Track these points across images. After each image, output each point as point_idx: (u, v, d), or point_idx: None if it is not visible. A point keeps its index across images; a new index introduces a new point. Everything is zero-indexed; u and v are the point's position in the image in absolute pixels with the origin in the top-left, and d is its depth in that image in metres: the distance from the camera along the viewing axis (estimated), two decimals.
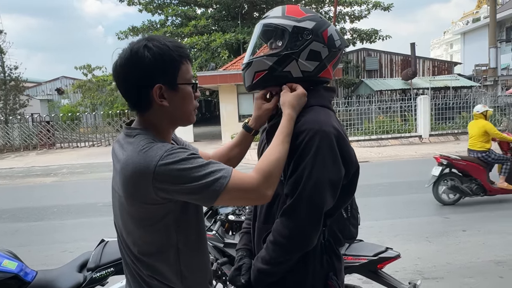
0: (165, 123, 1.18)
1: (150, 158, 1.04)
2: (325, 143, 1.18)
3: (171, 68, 1.12)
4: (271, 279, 1.25)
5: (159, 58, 1.09)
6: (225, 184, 1.06)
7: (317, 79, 1.33)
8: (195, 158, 1.08)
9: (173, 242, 1.16)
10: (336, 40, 1.31)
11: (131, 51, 1.11)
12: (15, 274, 1.91)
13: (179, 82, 1.14)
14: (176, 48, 1.13)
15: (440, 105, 14.87)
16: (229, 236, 2.71)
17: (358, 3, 21.89)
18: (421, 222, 5.18)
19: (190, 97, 1.17)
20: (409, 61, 20.76)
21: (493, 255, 3.98)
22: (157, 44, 1.11)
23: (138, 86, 1.12)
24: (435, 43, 60.52)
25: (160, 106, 1.13)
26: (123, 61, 1.11)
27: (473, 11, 43.06)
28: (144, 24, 22.30)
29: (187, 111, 1.19)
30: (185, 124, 1.22)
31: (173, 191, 1.06)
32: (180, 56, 1.13)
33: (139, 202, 1.09)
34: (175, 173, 1.04)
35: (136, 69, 1.10)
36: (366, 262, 2.32)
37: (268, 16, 1.34)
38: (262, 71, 1.30)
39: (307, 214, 1.18)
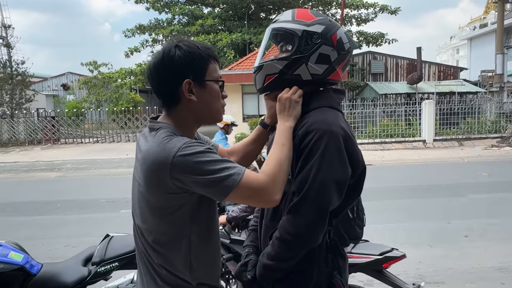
0: (191, 119, 1.25)
1: (169, 149, 1.11)
2: (333, 143, 1.20)
3: (200, 65, 1.20)
4: (276, 275, 1.27)
5: (189, 55, 1.19)
6: (238, 180, 1.11)
7: (326, 82, 1.36)
8: (212, 153, 1.13)
9: (186, 233, 1.21)
10: (345, 43, 1.33)
11: (163, 52, 1.21)
12: (21, 266, 1.94)
13: (207, 79, 1.22)
14: (205, 48, 1.22)
15: (445, 110, 14.83)
16: (236, 233, 2.75)
17: (365, 6, 21.90)
18: (424, 227, 5.18)
19: (217, 95, 1.25)
20: (414, 65, 20.69)
21: (495, 261, 3.97)
22: (187, 44, 1.21)
23: (169, 82, 1.20)
24: (441, 48, 60.30)
25: (188, 101, 1.20)
26: (156, 61, 1.21)
27: (480, 17, 42.88)
28: (151, 22, 22.39)
29: (214, 108, 1.26)
30: (212, 121, 1.28)
31: (188, 182, 1.11)
32: (208, 55, 1.22)
33: (157, 191, 1.15)
34: (191, 164, 1.09)
35: (168, 66, 1.19)
36: (371, 261, 2.34)
37: (278, 20, 1.37)
38: (272, 74, 1.34)
39: (312, 213, 1.20)
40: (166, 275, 1.22)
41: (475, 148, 13.36)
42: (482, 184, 7.65)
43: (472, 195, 6.71)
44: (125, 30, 22.54)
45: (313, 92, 1.36)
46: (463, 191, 6.95)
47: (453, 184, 7.79)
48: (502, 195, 6.65)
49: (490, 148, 13.14)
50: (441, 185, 7.67)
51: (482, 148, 13.23)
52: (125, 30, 22.60)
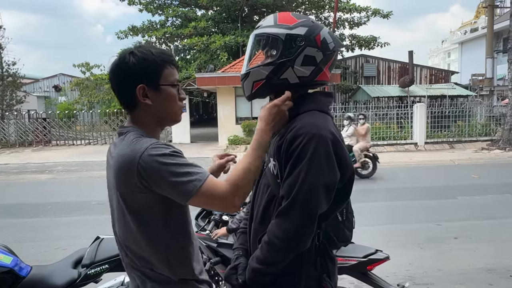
0: (152, 121, 1.29)
1: (136, 149, 1.16)
2: (322, 147, 1.20)
3: (153, 71, 1.25)
4: (266, 279, 1.27)
5: (143, 62, 1.23)
6: (199, 186, 1.14)
7: (315, 83, 1.36)
8: (177, 156, 1.18)
9: (160, 233, 1.24)
10: (329, 43, 1.32)
11: (119, 58, 1.26)
12: (9, 269, 1.92)
13: (162, 84, 1.26)
14: (160, 54, 1.26)
15: (436, 113, 14.98)
16: (222, 236, 2.74)
17: (358, 10, 22.04)
18: (414, 228, 5.22)
19: (173, 98, 1.29)
20: (406, 68, 20.91)
21: (484, 262, 4.02)
22: (142, 50, 1.25)
23: (125, 87, 1.26)
24: (433, 51, 60.92)
25: (144, 104, 1.26)
26: (113, 66, 1.27)
27: (471, 21, 43.44)
28: (144, 24, 22.29)
29: (172, 110, 1.31)
30: (171, 123, 1.34)
31: (152, 182, 1.15)
32: (162, 61, 1.26)
33: (128, 191, 1.19)
34: (156, 164, 1.14)
35: (123, 72, 1.25)
36: (356, 263, 2.35)
37: (261, 25, 1.36)
38: (260, 80, 1.33)
39: (301, 217, 1.20)
40: (153, 274, 1.26)
41: (466, 151, 13.52)
42: (472, 186, 7.74)
43: (462, 197, 6.78)
44: (118, 32, 22.43)
45: (302, 96, 1.36)
46: (453, 193, 7.03)
47: (443, 186, 7.87)
48: (491, 197, 6.74)
49: (480, 151, 13.30)
50: (432, 187, 7.75)
51: (473, 151, 13.38)
52: (118, 31, 22.49)
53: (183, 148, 13.35)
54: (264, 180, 1.37)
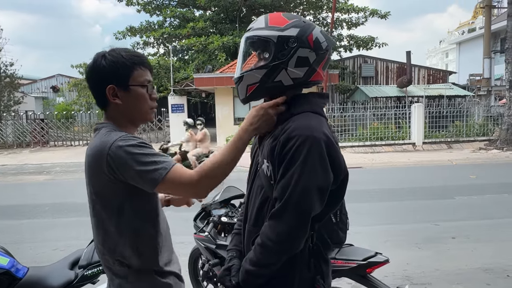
0: (123, 119, 1.38)
1: (106, 141, 1.25)
2: (315, 149, 1.20)
3: (123, 72, 1.32)
4: (259, 281, 1.27)
5: (112, 64, 1.32)
6: (164, 175, 1.22)
7: (309, 83, 1.35)
8: (145, 147, 1.26)
9: (129, 221, 1.32)
10: (322, 42, 1.31)
11: (93, 61, 1.36)
12: (6, 270, 1.92)
13: (131, 84, 1.34)
14: (130, 56, 1.34)
15: (434, 113, 15.01)
16: (222, 238, 2.73)
17: (356, 10, 22.07)
18: (412, 229, 5.23)
19: (142, 97, 1.37)
20: (404, 69, 20.94)
21: (481, 262, 4.03)
22: (113, 53, 1.34)
23: (97, 87, 1.36)
24: (431, 52, 61.05)
25: (115, 104, 1.35)
26: (88, 69, 1.38)
27: (469, 21, 43.57)
28: (142, 25, 22.27)
29: (141, 109, 1.38)
30: (142, 122, 1.43)
31: (120, 171, 1.23)
32: (132, 63, 1.33)
33: (98, 181, 1.29)
34: (124, 154, 1.22)
35: (95, 74, 1.35)
36: (355, 266, 2.35)
37: (252, 28, 1.35)
38: (253, 84, 1.33)
39: (294, 219, 1.20)
40: (120, 268, 1.35)
41: (464, 151, 13.55)
42: (469, 186, 7.76)
43: (459, 197, 6.80)
44: (116, 33, 22.43)
45: (295, 97, 1.35)
46: (451, 193, 7.04)
47: (441, 186, 7.89)
48: (489, 197, 6.76)
49: (478, 151, 13.33)
50: (430, 187, 7.76)
51: (470, 151, 13.41)
52: (116, 32, 22.49)
53: None
54: (258, 182, 1.37)
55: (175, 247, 1.46)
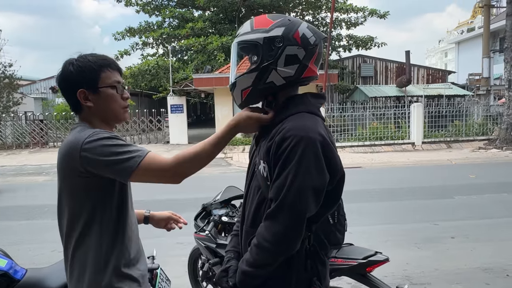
0: (97, 121, 1.42)
1: (80, 137, 1.30)
2: (310, 149, 1.19)
3: (91, 75, 1.37)
4: (255, 282, 1.27)
5: (80, 69, 1.37)
6: (139, 162, 1.26)
7: (302, 80, 1.34)
8: (118, 139, 1.31)
9: (98, 218, 1.36)
10: (310, 37, 1.30)
11: (62, 69, 1.40)
12: (4, 272, 1.91)
13: (100, 86, 1.38)
14: (97, 60, 1.39)
15: (434, 113, 15.02)
16: (222, 237, 2.73)
17: (355, 10, 22.06)
18: (411, 228, 5.23)
19: (113, 98, 1.41)
20: (404, 68, 20.94)
21: (481, 262, 4.03)
22: (80, 59, 1.39)
23: (68, 92, 1.41)
24: (430, 51, 61.07)
25: (87, 107, 1.39)
26: (58, 77, 1.42)
27: (468, 21, 43.58)
28: (141, 25, 22.24)
29: (114, 110, 1.42)
30: (116, 122, 1.47)
31: (94, 164, 1.26)
32: (99, 66, 1.38)
33: (71, 177, 1.33)
34: (97, 147, 1.26)
35: (65, 81, 1.40)
36: (355, 265, 2.36)
37: (239, 33, 1.36)
38: (247, 88, 1.34)
39: (289, 220, 1.19)
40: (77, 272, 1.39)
41: (463, 150, 13.56)
42: (469, 185, 7.76)
43: (459, 196, 6.80)
44: (115, 33, 22.38)
45: (291, 97, 1.35)
46: (450, 193, 7.04)
47: (440, 186, 7.90)
48: (488, 197, 6.76)
49: (477, 150, 13.34)
50: (429, 187, 7.76)
51: (470, 150, 13.43)
52: (115, 33, 22.45)
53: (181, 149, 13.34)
54: (255, 182, 1.37)
55: (174, 247, 1.46)
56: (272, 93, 1.35)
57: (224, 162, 12.45)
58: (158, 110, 18.35)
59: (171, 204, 6.65)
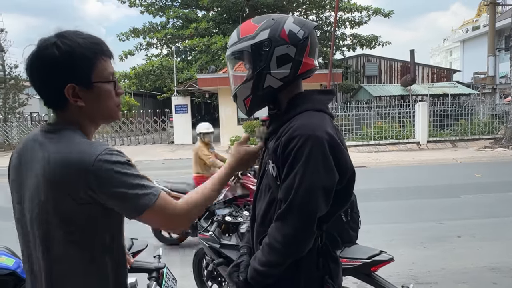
0: (85, 121, 1.13)
1: (88, 152, 1.01)
2: (317, 149, 1.18)
3: (84, 67, 1.07)
4: (267, 280, 1.27)
5: (69, 56, 1.04)
6: (154, 201, 1.05)
7: (300, 77, 1.32)
8: (132, 166, 1.06)
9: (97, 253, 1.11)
10: (297, 32, 1.26)
11: (39, 50, 1.06)
12: (12, 271, 1.93)
13: (95, 81, 1.09)
14: (90, 44, 1.08)
15: (439, 112, 14.93)
16: (226, 237, 2.74)
17: (359, 9, 22.00)
18: (417, 227, 5.21)
19: (109, 95, 1.13)
20: (408, 67, 20.84)
21: (488, 261, 4.00)
22: (67, 41, 1.05)
23: (49, 85, 1.08)
24: (435, 50, 60.77)
25: (76, 106, 1.09)
26: (32, 60, 1.07)
27: (473, 19, 43.30)
28: (145, 26, 22.32)
29: (108, 109, 1.15)
30: (108, 121, 1.21)
31: (102, 191, 1.01)
32: (94, 53, 1.08)
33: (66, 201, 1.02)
34: (110, 173, 1.01)
35: (46, 69, 1.06)
36: (360, 265, 2.35)
37: (228, 45, 1.36)
38: (247, 97, 1.34)
39: (299, 221, 1.19)
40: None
41: (468, 149, 13.47)
42: (475, 184, 7.71)
43: (465, 195, 6.76)
44: (119, 34, 22.48)
45: (297, 96, 1.33)
46: (456, 192, 7.00)
47: (446, 185, 7.85)
48: (495, 196, 6.71)
49: (483, 149, 13.25)
50: (435, 186, 7.72)
51: (475, 149, 13.34)
52: (119, 33, 22.55)
53: (185, 149, 13.51)
54: (265, 181, 1.37)
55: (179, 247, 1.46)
56: (273, 97, 1.34)
57: None
58: (162, 110, 18.42)
59: None
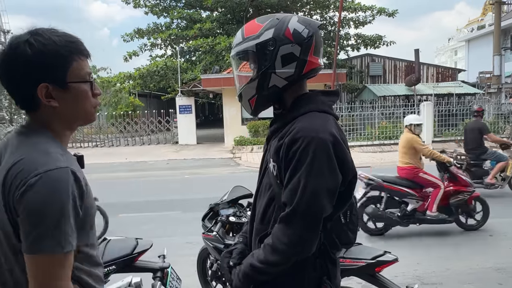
0: (59, 124, 1.08)
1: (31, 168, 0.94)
2: (321, 150, 1.17)
3: (58, 65, 1.02)
4: (263, 277, 1.27)
5: (43, 54, 1.00)
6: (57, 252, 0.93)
7: (305, 76, 1.31)
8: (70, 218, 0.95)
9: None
10: (302, 31, 1.26)
11: (11, 48, 1.01)
12: None
13: (70, 81, 1.04)
14: (65, 43, 1.03)
15: (443, 111, 14.86)
16: (230, 238, 2.74)
17: (363, 9, 21.94)
18: (422, 228, 5.17)
19: (85, 96, 1.08)
20: (413, 67, 20.77)
21: (493, 262, 3.98)
22: (40, 39, 1.01)
23: (22, 85, 1.03)
24: (439, 49, 60.49)
25: (50, 107, 1.04)
26: (1, 58, 1.02)
27: (478, 18, 43.05)
28: (149, 27, 22.41)
29: (84, 110, 1.10)
30: (84, 124, 1.17)
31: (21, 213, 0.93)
32: (69, 52, 1.04)
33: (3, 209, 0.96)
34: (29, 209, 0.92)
35: (16, 67, 1.01)
36: (364, 265, 2.35)
37: (233, 45, 1.36)
38: (252, 97, 1.33)
39: (305, 223, 1.18)
40: None
41: None
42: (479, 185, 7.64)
43: None
44: (123, 35, 22.57)
45: (300, 97, 1.32)
46: None
47: None
48: (500, 196, 6.66)
49: None
50: None
51: None
52: (123, 34, 22.63)
53: (189, 150, 13.50)
54: (266, 179, 1.37)
55: (184, 247, 1.46)
56: (278, 97, 1.33)
57: (233, 162, 12.47)
58: (166, 111, 18.46)
59: (180, 204, 6.69)
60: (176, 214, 6.19)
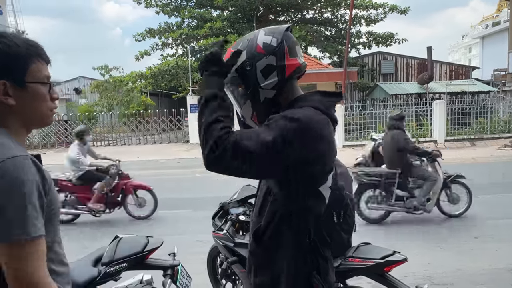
0: (15, 123, 1.12)
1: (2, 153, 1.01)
2: (292, 122, 1.17)
3: (17, 65, 1.09)
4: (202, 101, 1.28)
5: (4, 54, 1.07)
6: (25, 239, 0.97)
7: (289, 78, 1.32)
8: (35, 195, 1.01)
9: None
10: (271, 42, 1.29)
11: None
12: None
13: (28, 81, 1.10)
14: (27, 45, 1.11)
15: (457, 110, 14.66)
16: (240, 236, 2.76)
17: (374, 7, 21.76)
18: (433, 228, 5.14)
19: (42, 98, 1.14)
20: (425, 65, 20.51)
21: (506, 262, 3.93)
22: (4, 40, 1.08)
23: None
24: (453, 47, 59.55)
25: (6, 104, 1.09)
26: None
27: (493, 15, 42.25)
28: (160, 26, 22.59)
29: (40, 112, 1.14)
30: (39, 126, 1.21)
31: None
32: (29, 54, 1.10)
33: None
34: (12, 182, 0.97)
35: None
36: (373, 265, 2.34)
37: None
38: (252, 114, 1.38)
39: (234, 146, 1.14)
40: None
41: (488, 148, 13.18)
42: (494, 184, 7.55)
43: (483, 196, 6.62)
44: (135, 34, 22.80)
45: (296, 98, 1.34)
46: (475, 192, 6.83)
47: None
48: None
49: (503, 148, 12.94)
50: None
51: (495, 148, 13.04)
52: (135, 34, 22.86)
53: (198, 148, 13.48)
54: None
55: (194, 245, 1.49)
56: (274, 104, 1.34)
57: None
58: (178, 110, 18.58)
59: (192, 203, 6.74)
60: (187, 213, 6.25)
